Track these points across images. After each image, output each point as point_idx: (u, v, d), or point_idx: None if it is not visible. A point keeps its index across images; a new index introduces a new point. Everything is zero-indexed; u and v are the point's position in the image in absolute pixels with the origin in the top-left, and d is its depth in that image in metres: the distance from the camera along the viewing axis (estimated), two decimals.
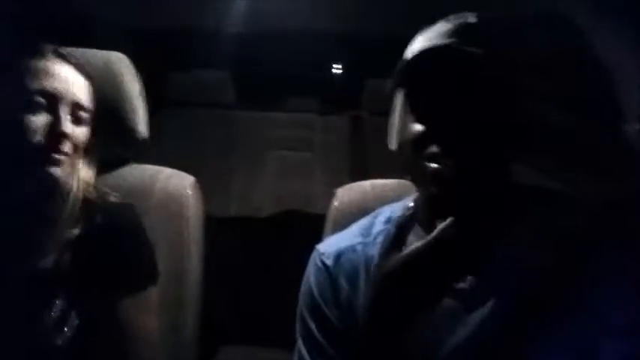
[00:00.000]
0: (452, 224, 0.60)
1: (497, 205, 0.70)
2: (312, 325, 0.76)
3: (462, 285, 0.69)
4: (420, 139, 0.68)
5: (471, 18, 0.71)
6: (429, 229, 0.63)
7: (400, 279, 0.61)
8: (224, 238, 1.83)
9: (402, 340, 0.63)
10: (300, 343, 0.78)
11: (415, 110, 0.70)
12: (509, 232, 0.70)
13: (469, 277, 0.69)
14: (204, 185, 1.10)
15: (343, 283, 0.76)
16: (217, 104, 2.55)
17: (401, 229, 0.67)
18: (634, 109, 1.14)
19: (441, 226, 0.60)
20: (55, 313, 0.75)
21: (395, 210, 0.82)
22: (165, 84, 2.50)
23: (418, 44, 0.72)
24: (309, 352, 0.76)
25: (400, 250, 0.63)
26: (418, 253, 0.61)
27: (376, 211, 0.84)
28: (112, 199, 0.87)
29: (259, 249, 2.14)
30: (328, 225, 1.00)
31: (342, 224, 0.92)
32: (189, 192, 1.04)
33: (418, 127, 0.69)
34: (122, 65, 0.99)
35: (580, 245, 0.68)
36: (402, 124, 0.74)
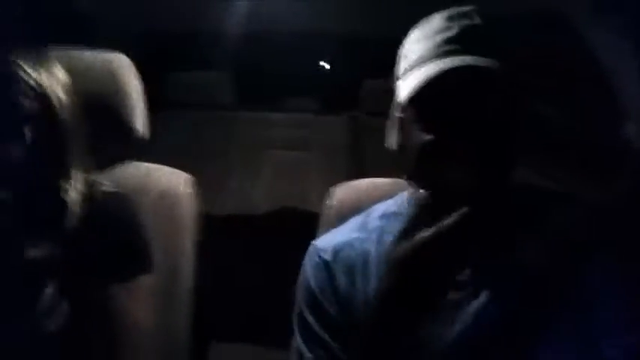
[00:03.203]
0: (462, 215, 0.60)
1: (501, 201, 0.70)
2: (312, 321, 0.77)
3: (461, 277, 0.70)
4: (430, 148, 0.68)
5: (475, 17, 0.70)
6: (430, 223, 0.63)
7: (410, 266, 0.62)
8: (221, 236, 1.84)
9: (407, 329, 0.64)
10: (298, 339, 0.78)
11: (426, 122, 0.69)
12: (510, 228, 0.71)
13: (468, 270, 0.71)
14: (202, 184, 1.11)
15: (341, 277, 0.77)
16: (216, 104, 2.56)
17: (413, 220, 0.65)
18: (634, 109, 1.14)
19: (450, 217, 0.60)
20: (45, 302, 0.75)
21: (389, 206, 0.83)
22: (164, 84, 2.51)
23: (425, 55, 0.70)
24: (309, 347, 0.76)
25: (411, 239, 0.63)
26: (428, 240, 0.61)
27: (371, 208, 0.85)
28: (106, 188, 0.87)
29: (256, 247, 2.15)
30: (323, 223, 1.01)
31: (337, 222, 0.92)
32: (186, 190, 1.05)
33: (427, 137, 0.68)
34: (123, 65, 1.00)
35: (578, 243, 0.70)
36: (408, 132, 0.73)
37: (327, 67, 3.26)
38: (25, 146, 0.76)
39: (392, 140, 0.91)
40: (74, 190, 0.81)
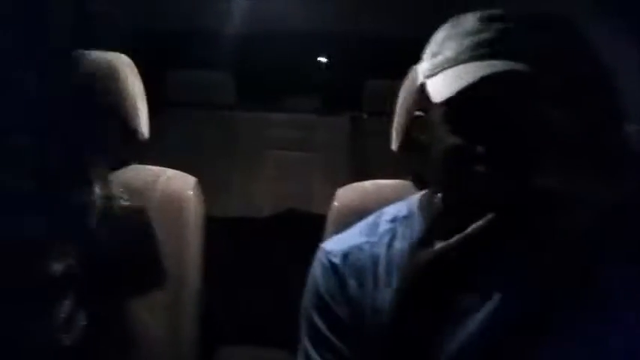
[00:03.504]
0: (489, 222, 0.59)
1: (525, 206, 0.69)
2: (321, 323, 0.76)
3: (475, 280, 0.69)
4: (460, 151, 0.67)
5: (508, 21, 0.69)
6: (447, 228, 0.62)
7: (433, 273, 0.61)
8: (224, 238, 1.84)
9: (423, 335, 0.63)
10: (306, 342, 0.77)
11: (458, 124, 0.68)
12: (521, 232, 0.70)
13: (480, 275, 0.69)
14: (205, 186, 1.10)
15: (351, 281, 0.76)
16: (217, 105, 2.55)
17: (432, 226, 0.64)
18: (637, 111, 1.14)
19: (478, 223, 0.59)
20: (63, 314, 0.76)
21: (400, 209, 0.82)
22: (165, 85, 2.50)
23: (459, 55, 0.69)
24: (317, 350, 0.75)
25: (431, 245, 0.62)
26: (453, 247, 0.60)
27: (380, 210, 0.84)
28: (123, 201, 0.87)
29: (259, 249, 2.15)
30: (328, 225, 1.01)
31: (342, 224, 0.92)
32: (191, 193, 1.04)
33: (457, 140, 0.67)
34: (125, 66, 1.00)
35: (586, 245, 0.70)
36: (434, 133, 0.72)
37: (328, 66, 3.26)
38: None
39: (399, 141, 0.90)
40: (93, 204, 0.81)
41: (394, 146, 0.97)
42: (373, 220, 0.82)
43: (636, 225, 0.73)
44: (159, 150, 1.28)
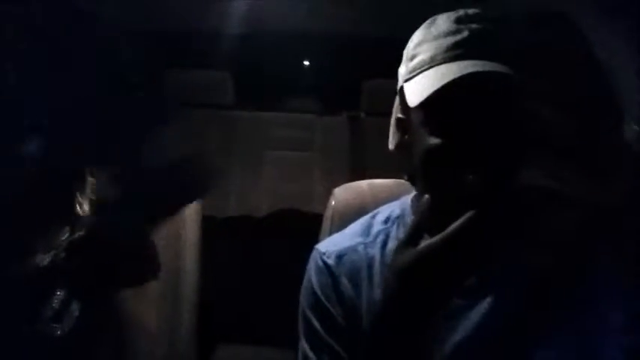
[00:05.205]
0: (468, 220, 0.59)
1: (508, 204, 0.70)
2: (316, 324, 0.76)
3: (466, 283, 0.70)
4: (437, 152, 0.67)
5: (483, 21, 0.69)
6: (435, 228, 0.62)
7: (416, 273, 0.61)
8: (223, 237, 1.84)
9: (412, 336, 0.63)
10: (303, 342, 0.78)
11: (435, 125, 0.68)
12: (513, 232, 0.71)
13: (474, 275, 0.69)
14: None
15: (345, 282, 0.77)
16: (216, 104, 2.55)
17: (417, 226, 0.64)
18: (634, 110, 1.14)
19: (458, 221, 0.59)
20: (55, 304, 0.76)
21: (394, 210, 0.82)
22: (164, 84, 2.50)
23: (435, 57, 0.69)
24: (313, 350, 0.76)
25: (415, 245, 0.62)
26: (435, 246, 0.59)
27: (374, 211, 0.85)
28: (114, 194, 0.88)
29: (258, 248, 2.15)
30: (326, 224, 1.01)
31: (339, 223, 0.93)
32: None
33: (435, 141, 0.67)
34: None
35: (579, 245, 0.70)
36: (414, 135, 0.72)
37: (326, 66, 3.26)
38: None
39: (395, 141, 0.90)
40: (85, 197, 0.81)
41: (391, 146, 0.97)
42: (367, 221, 0.83)
43: (630, 225, 0.74)
44: None
